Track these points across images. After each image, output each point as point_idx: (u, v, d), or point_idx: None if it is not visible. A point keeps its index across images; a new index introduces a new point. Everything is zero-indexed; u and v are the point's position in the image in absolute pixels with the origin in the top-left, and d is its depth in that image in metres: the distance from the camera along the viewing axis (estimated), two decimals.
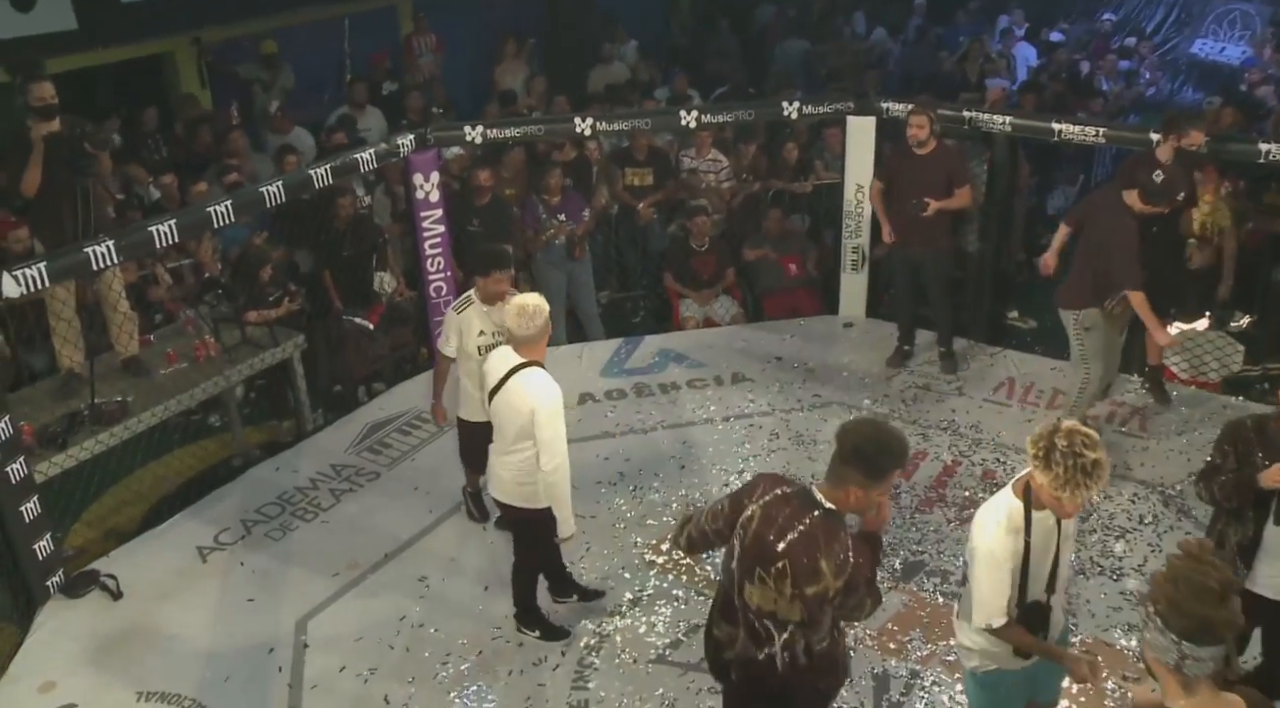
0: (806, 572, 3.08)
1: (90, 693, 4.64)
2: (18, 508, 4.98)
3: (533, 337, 4.27)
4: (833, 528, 3.11)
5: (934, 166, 6.56)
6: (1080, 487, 3.06)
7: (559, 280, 7.87)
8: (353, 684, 4.66)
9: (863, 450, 3.08)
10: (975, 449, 6.22)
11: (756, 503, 3.21)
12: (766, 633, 3.24)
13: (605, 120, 6.91)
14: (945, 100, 8.76)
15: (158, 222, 5.33)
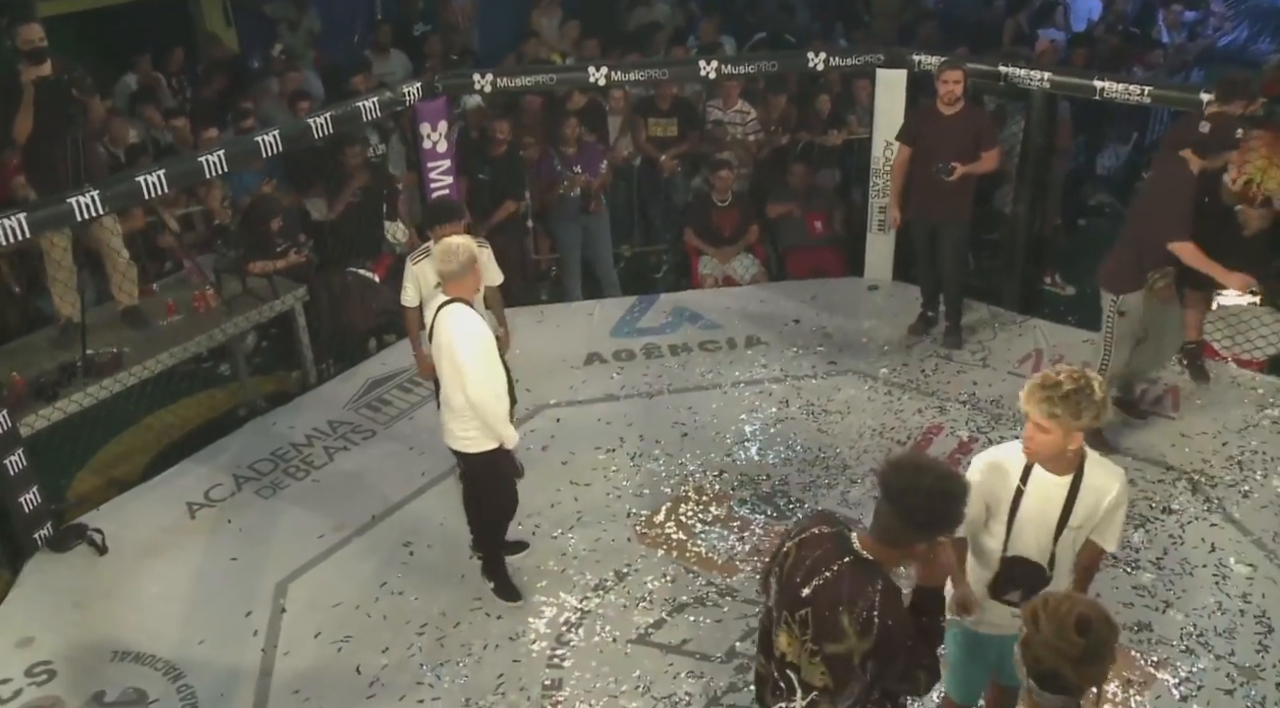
0: (827, 626, 2.70)
1: (66, 651, 4.61)
2: (1, 461, 4.94)
3: (455, 273, 4.22)
4: (862, 579, 2.69)
5: (961, 128, 6.17)
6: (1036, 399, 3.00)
7: (574, 234, 7.65)
8: (326, 652, 4.57)
9: (930, 509, 2.64)
10: (994, 426, 5.92)
11: (795, 539, 2.87)
12: (789, 687, 2.88)
13: (620, 70, 6.61)
14: (988, 52, 8.33)
15: (145, 172, 5.18)
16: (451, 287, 4.29)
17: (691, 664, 4.44)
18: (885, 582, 2.70)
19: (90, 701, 4.38)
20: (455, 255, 4.23)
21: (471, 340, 4.23)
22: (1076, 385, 2.96)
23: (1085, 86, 6.17)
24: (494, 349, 4.34)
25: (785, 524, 5.18)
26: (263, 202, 6.79)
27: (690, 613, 4.70)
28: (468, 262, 4.24)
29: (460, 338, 4.23)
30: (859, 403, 6.16)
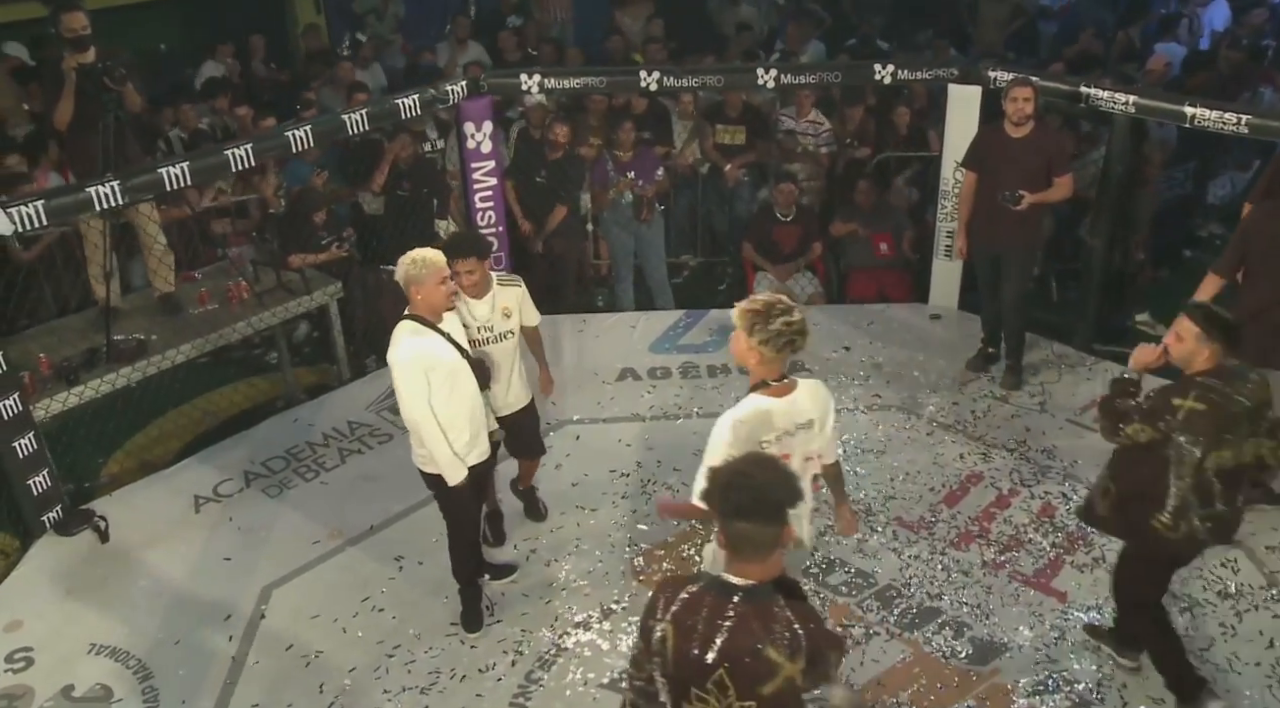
0: (753, 672, 2.56)
1: (48, 639, 4.63)
2: (11, 443, 5.01)
3: (401, 282, 4.05)
4: (764, 606, 2.59)
5: (1031, 151, 5.68)
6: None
7: (627, 243, 7.42)
8: (293, 665, 4.47)
9: (779, 500, 2.59)
10: (1040, 479, 5.44)
11: (665, 620, 2.66)
12: None
13: (673, 75, 6.32)
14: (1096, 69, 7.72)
15: (168, 163, 5.17)
16: (412, 301, 4.12)
17: None
18: (782, 596, 2.63)
19: (59, 693, 4.38)
20: (403, 265, 4.05)
21: (400, 363, 4.04)
22: (764, 307, 3.36)
23: (1174, 112, 5.59)
24: (443, 371, 4.09)
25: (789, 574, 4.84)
26: (306, 194, 6.76)
27: None
28: (412, 276, 4.02)
29: (392, 359, 4.06)
30: (897, 443, 5.75)
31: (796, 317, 3.36)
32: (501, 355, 4.64)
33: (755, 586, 2.60)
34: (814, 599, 4.69)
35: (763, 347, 3.36)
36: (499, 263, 6.88)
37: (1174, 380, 3.78)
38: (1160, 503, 3.75)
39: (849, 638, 4.48)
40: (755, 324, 3.36)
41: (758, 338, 3.35)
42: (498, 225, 6.74)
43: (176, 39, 10.56)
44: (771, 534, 2.58)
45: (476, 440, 4.30)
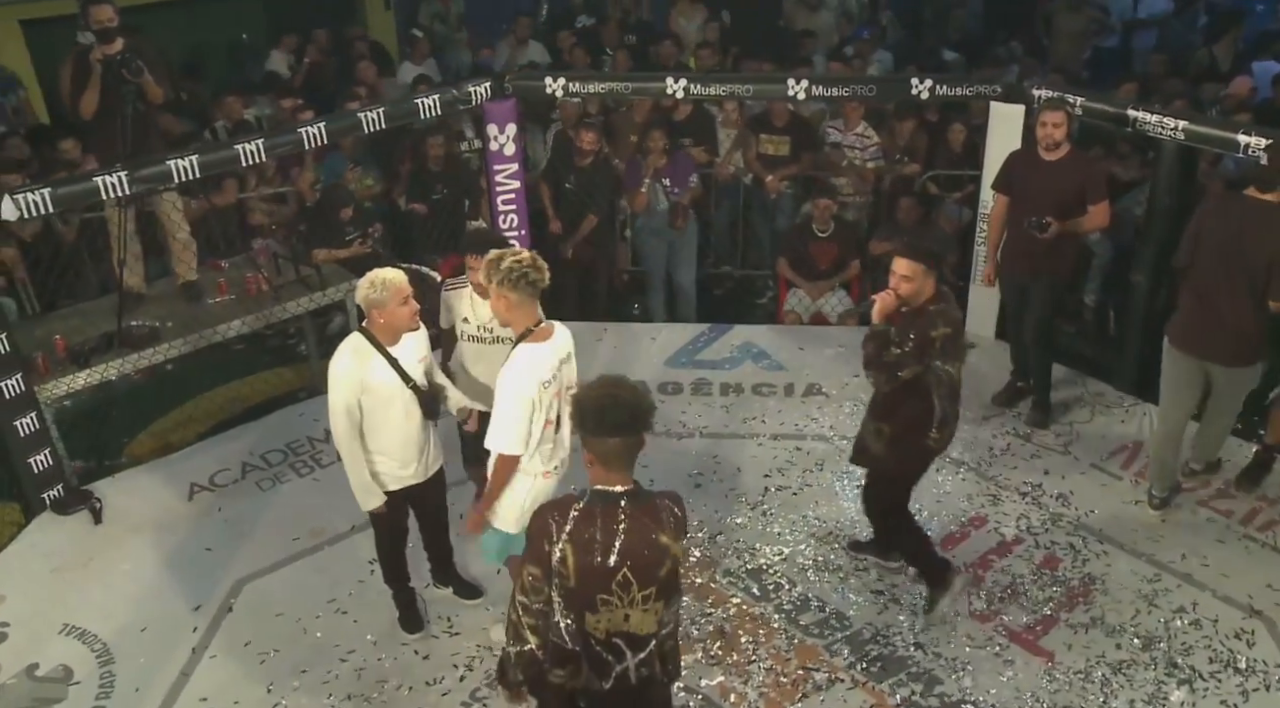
0: (651, 561, 2.90)
1: (25, 616, 4.74)
2: (12, 422, 5.15)
3: (362, 305, 4.01)
4: (647, 502, 2.97)
5: (1063, 177, 5.35)
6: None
7: (659, 250, 7.28)
8: (248, 663, 4.48)
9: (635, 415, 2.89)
10: (1049, 527, 5.11)
11: (562, 541, 2.90)
12: (617, 656, 3.01)
13: (701, 83, 6.14)
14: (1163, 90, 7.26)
15: (178, 156, 5.25)
16: (371, 322, 4.03)
17: None
18: (655, 493, 3.03)
19: (23, 671, 4.47)
20: (360, 288, 3.98)
21: (330, 378, 4.00)
22: (493, 257, 3.70)
23: (1225, 140, 5.18)
24: (376, 397, 4.02)
25: (761, 608, 4.66)
26: (334, 190, 6.82)
27: None
28: (372, 298, 3.93)
29: (329, 372, 4.02)
30: None
31: (524, 255, 3.69)
32: (498, 357, 4.54)
33: (633, 489, 2.95)
34: (782, 638, 4.50)
35: (505, 290, 3.65)
36: None
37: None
38: (929, 424, 4.17)
39: (809, 681, 4.27)
40: (491, 273, 3.68)
41: (496, 283, 3.65)
42: (520, 228, 6.67)
43: (259, 29, 10.84)
44: (639, 443, 2.92)
45: (405, 468, 4.21)
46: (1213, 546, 4.95)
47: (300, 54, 9.02)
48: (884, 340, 4.10)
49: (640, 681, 3.07)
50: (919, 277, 4.05)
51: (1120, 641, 4.44)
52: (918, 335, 4.03)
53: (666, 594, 2.97)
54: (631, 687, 3.06)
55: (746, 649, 4.45)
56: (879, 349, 4.11)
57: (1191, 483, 5.36)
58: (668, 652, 3.12)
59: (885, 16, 10.44)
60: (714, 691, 4.26)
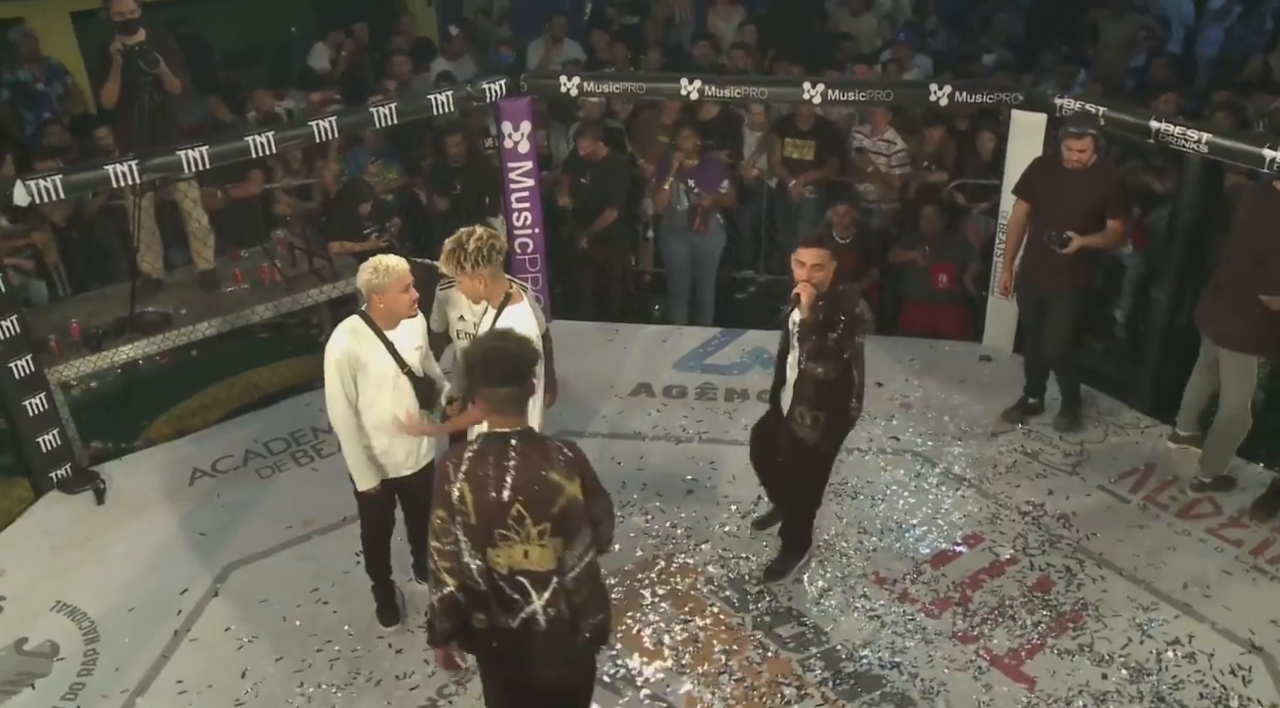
0: (543, 496, 3.02)
1: (20, 591, 4.87)
2: (21, 402, 5.28)
3: (363, 290, 4.08)
4: (538, 442, 3.10)
5: (1085, 188, 5.19)
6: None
7: (682, 252, 7.22)
8: (226, 648, 4.54)
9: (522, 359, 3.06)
10: (1046, 549, 4.96)
11: (459, 480, 3.05)
12: (523, 595, 3.12)
13: (715, 85, 6.08)
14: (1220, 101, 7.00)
15: (189, 146, 5.34)
16: (371, 307, 4.10)
17: None
18: (549, 437, 3.18)
19: (12, 645, 4.59)
20: (362, 272, 4.05)
21: (326, 358, 4.08)
22: (453, 245, 3.93)
23: (1250, 154, 4.97)
24: (370, 376, 4.07)
25: (739, 618, 4.59)
26: (354, 184, 6.88)
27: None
28: (369, 285, 4.01)
29: (325, 354, 4.09)
30: (899, 492, 5.36)
31: (479, 231, 3.94)
32: None
33: (522, 430, 3.08)
34: (755, 650, 4.43)
35: (480, 268, 3.89)
36: (534, 265, 6.83)
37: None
38: (850, 396, 4.36)
39: (779, 695, 4.20)
40: (461, 260, 3.89)
41: (471, 265, 3.88)
42: (533, 227, 6.67)
43: (309, 22, 11.03)
44: (526, 391, 3.07)
45: (393, 453, 4.23)
46: (1218, 576, 4.77)
47: (339, 48, 9.13)
48: (822, 330, 4.14)
49: (551, 625, 3.13)
50: (826, 263, 4.16)
51: (1107, 671, 4.29)
52: (846, 316, 4.15)
53: (565, 533, 3.05)
54: (542, 631, 3.13)
55: (719, 659, 4.39)
56: (822, 339, 4.14)
57: (1203, 510, 5.17)
58: (580, 603, 3.15)
59: (931, 21, 10.24)
60: (680, 699, 4.21)
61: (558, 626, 3.14)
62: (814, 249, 4.15)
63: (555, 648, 3.19)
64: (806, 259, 4.14)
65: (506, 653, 3.22)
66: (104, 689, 4.34)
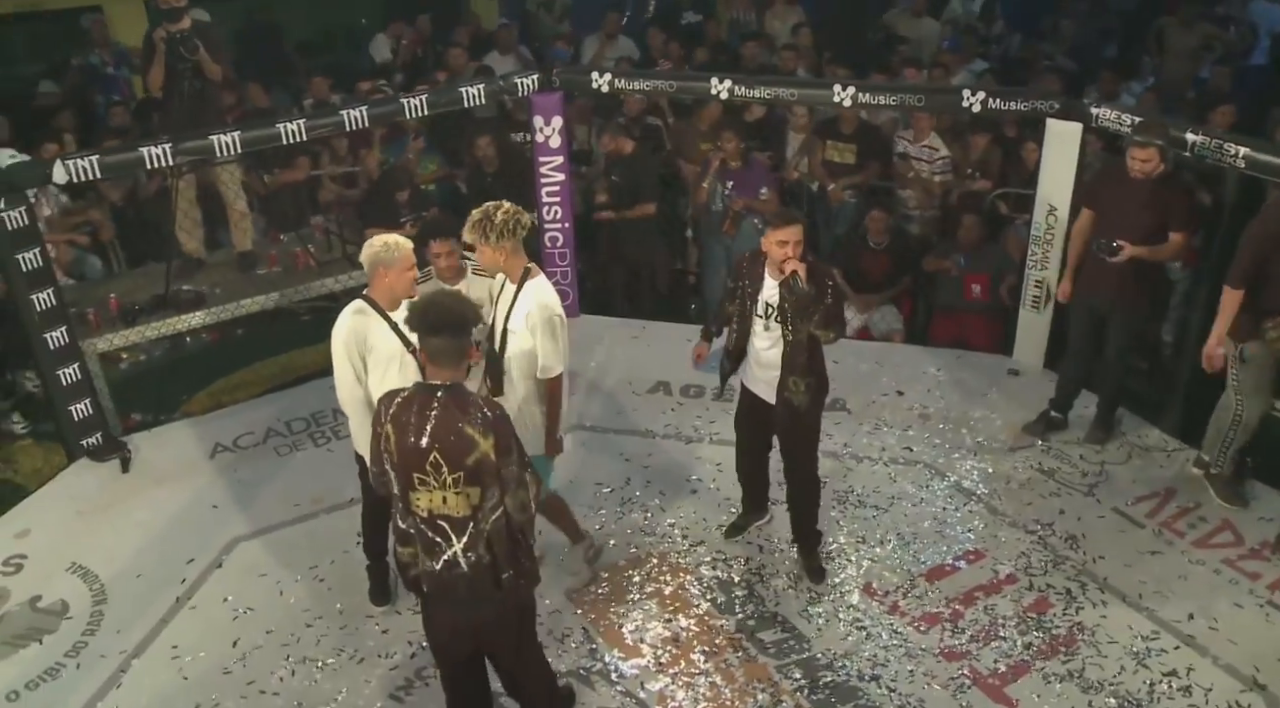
0: (458, 447, 3.19)
1: (39, 552, 5.10)
2: (55, 372, 5.51)
3: (368, 264, 4.13)
4: (460, 396, 3.24)
5: (1152, 199, 5.07)
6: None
7: (718, 254, 7.20)
8: (221, 618, 4.68)
9: (460, 314, 3.25)
10: (1049, 569, 4.82)
11: (386, 423, 3.27)
12: (444, 537, 3.30)
13: (745, 85, 6.04)
14: None
15: (222, 132, 5.51)
16: (374, 284, 4.18)
17: None
18: (474, 395, 3.30)
19: (27, 602, 4.81)
20: (370, 247, 4.12)
21: (333, 339, 4.16)
22: (480, 216, 4.01)
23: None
24: (379, 355, 4.13)
25: (723, 620, 4.57)
26: (393, 172, 7.02)
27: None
28: (372, 260, 4.10)
29: (332, 335, 4.18)
30: (905, 504, 5.27)
31: (506, 206, 4.03)
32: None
33: (451, 383, 3.24)
34: (734, 653, 4.41)
35: (502, 241, 3.98)
36: (564, 259, 6.88)
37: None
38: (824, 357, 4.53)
39: (753, 699, 4.17)
40: (486, 231, 3.98)
41: (495, 237, 3.97)
42: (563, 221, 6.73)
43: (378, 14, 11.27)
44: (459, 345, 3.22)
45: None
46: (1228, 608, 4.58)
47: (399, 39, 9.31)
48: (820, 298, 4.23)
49: (472, 569, 3.30)
50: (802, 238, 4.23)
51: (1095, 698, 4.16)
52: (833, 281, 4.35)
53: (480, 483, 3.22)
54: (464, 574, 3.30)
55: (696, 660, 4.37)
56: (825, 305, 4.25)
57: (1222, 539, 4.98)
58: (498, 546, 3.30)
59: (998, 26, 10.03)
60: (652, 697, 4.21)
61: (479, 570, 3.31)
62: (795, 226, 4.23)
63: (479, 591, 3.35)
64: (791, 237, 4.19)
65: (434, 595, 3.41)
66: (104, 649, 4.52)
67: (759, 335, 4.48)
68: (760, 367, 4.54)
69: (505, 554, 3.32)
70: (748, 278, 4.46)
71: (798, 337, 4.33)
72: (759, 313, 4.43)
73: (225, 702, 4.25)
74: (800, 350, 4.36)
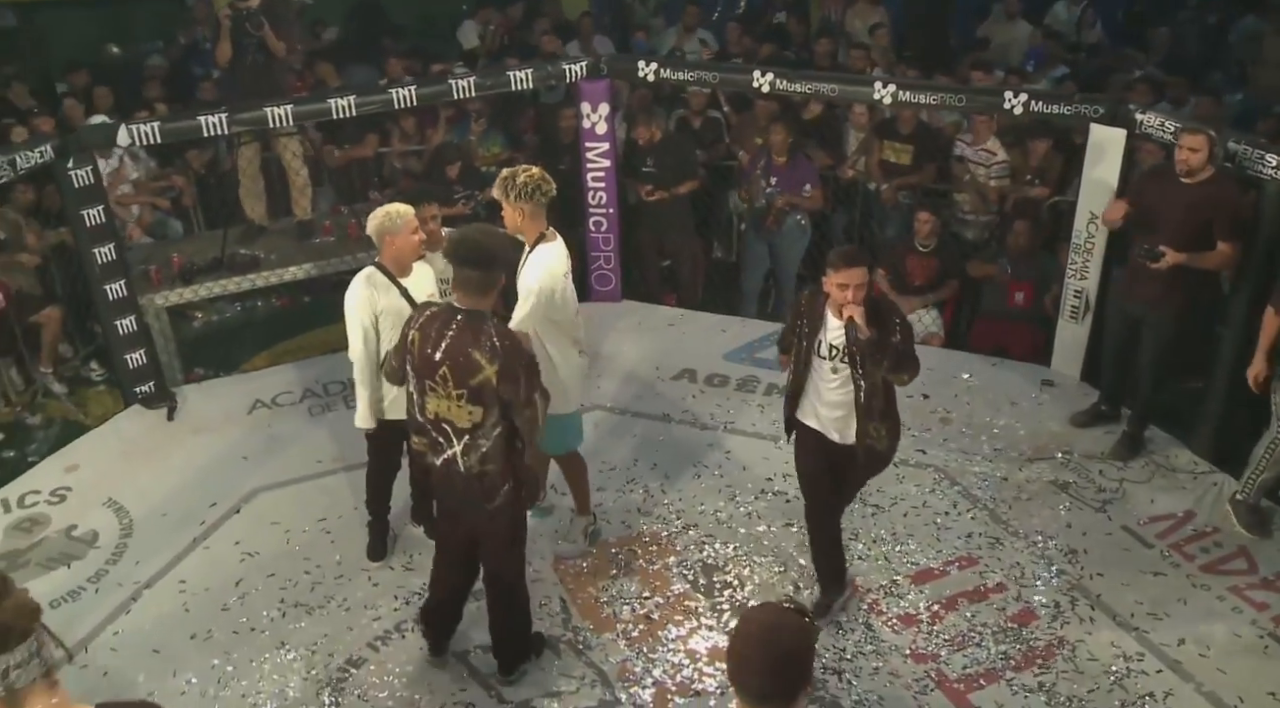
0: (464, 368, 3.56)
1: (83, 486, 5.51)
2: (113, 322, 5.93)
3: (375, 235, 4.41)
4: (477, 322, 3.59)
5: (1199, 201, 4.93)
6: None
7: (760, 249, 7.21)
8: (229, 559, 4.97)
9: (489, 249, 3.63)
10: (1041, 582, 4.71)
11: (415, 328, 3.67)
12: (446, 439, 3.70)
13: (787, 79, 6.05)
14: None
15: (273, 104, 5.82)
16: (383, 252, 4.43)
17: (483, 698, 4.21)
18: (493, 320, 3.64)
19: (63, 529, 5.21)
20: (374, 219, 4.39)
21: (346, 306, 4.43)
22: (507, 174, 4.27)
23: None
24: (389, 319, 4.36)
25: (696, 603, 4.63)
26: (444, 147, 7.26)
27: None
28: (378, 229, 4.36)
29: (345, 303, 4.41)
30: (905, 505, 5.22)
31: (534, 170, 4.25)
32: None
33: (473, 310, 3.61)
34: (703, 633, 4.47)
35: (521, 202, 4.20)
36: (607, 244, 7.00)
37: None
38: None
39: (712, 679, 4.22)
40: (508, 189, 4.21)
41: (514, 196, 4.19)
42: (608, 207, 6.85)
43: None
44: (484, 277, 3.59)
45: (400, 399, 4.47)
46: (1225, 637, 4.40)
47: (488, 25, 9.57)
48: (886, 340, 3.94)
49: (468, 471, 3.70)
50: (866, 279, 3.92)
51: None
52: (900, 318, 4.02)
53: (481, 402, 3.59)
54: (461, 474, 3.72)
55: (664, 637, 4.45)
56: (893, 348, 3.95)
57: (1234, 566, 4.78)
58: (493, 470, 3.68)
59: (1093, 33, 9.69)
60: (613, 669, 4.30)
61: (472, 478, 3.70)
62: (857, 269, 3.88)
63: (472, 495, 3.75)
64: (852, 280, 3.86)
65: (437, 486, 3.91)
66: (121, 578, 4.87)
67: (824, 378, 4.16)
68: (826, 406, 4.22)
69: (502, 470, 3.68)
70: (806, 317, 4.16)
71: (871, 381, 4.03)
72: (822, 354, 4.14)
73: (217, 634, 4.53)
74: (876, 395, 4.08)
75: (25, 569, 4.93)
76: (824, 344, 4.10)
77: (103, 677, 4.33)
